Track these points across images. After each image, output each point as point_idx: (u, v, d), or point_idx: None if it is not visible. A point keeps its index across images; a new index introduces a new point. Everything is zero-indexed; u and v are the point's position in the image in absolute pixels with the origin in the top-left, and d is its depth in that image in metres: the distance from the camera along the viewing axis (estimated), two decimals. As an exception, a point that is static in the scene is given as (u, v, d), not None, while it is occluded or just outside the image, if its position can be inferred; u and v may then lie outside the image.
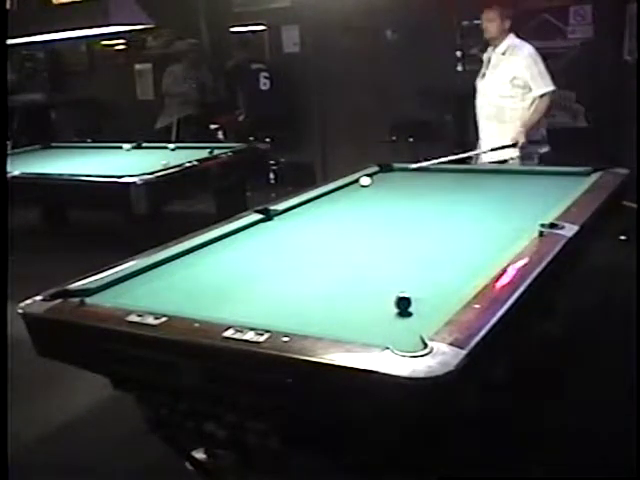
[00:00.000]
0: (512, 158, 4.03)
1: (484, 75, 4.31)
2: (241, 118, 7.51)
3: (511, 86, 4.17)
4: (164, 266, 2.41)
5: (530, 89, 4.12)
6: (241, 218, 2.91)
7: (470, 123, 4.82)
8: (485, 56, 4.36)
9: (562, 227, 2.40)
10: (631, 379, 2.86)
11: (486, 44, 4.33)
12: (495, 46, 4.24)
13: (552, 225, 2.41)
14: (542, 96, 4.11)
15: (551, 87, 4.11)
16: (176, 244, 2.57)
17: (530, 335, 2.55)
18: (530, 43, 4.29)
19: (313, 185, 3.74)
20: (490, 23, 4.14)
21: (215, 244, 2.64)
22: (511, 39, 4.21)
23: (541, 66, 4.14)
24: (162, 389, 1.96)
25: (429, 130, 6.48)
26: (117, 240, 3.96)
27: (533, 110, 4.14)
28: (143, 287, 2.23)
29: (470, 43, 6.37)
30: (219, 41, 7.93)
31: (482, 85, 4.34)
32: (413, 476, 1.78)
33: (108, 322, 1.90)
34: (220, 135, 7.36)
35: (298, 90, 7.32)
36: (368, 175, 3.64)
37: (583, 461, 2.51)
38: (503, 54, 4.19)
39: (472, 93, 4.44)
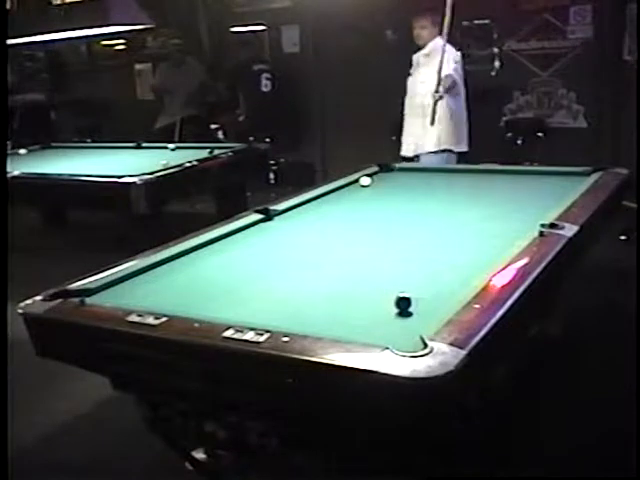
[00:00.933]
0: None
1: (410, 75, 4.60)
2: (241, 118, 7.51)
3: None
4: (164, 266, 2.41)
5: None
6: (241, 218, 2.92)
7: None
8: (414, 57, 4.62)
9: (562, 227, 2.40)
10: (631, 379, 2.86)
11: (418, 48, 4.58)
12: (422, 49, 4.53)
13: (552, 225, 2.41)
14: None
15: (451, 71, 4.41)
16: (176, 244, 2.57)
17: (530, 335, 2.55)
18: (457, 47, 4.63)
19: (313, 185, 3.75)
20: (422, 30, 4.42)
21: (215, 244, 2.64)
22: (434, 42, 4.47)
23: (451, 62, 4.43)
24: (162, 389, 1.96)
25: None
26: (117, 240, 3.96)
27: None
28: (143, 287, 2.23)
29: (470, 43, 6.39)
30: (219, 41, 7.93)
31: (409, 84, 4.64)
32: (413, 476, 1.78)
33: (108, 322, 1.90)
34: (220, 135, 7.36)
35: (298, 90, 7.32)
36: (368, 175, 3.65)
37: (583, 461, 2.51)
38: (427, 55, 4.48)
39: (474, 92, 4.49)
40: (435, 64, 4.38)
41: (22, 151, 5.41)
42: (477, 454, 2.35)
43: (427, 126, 4.47)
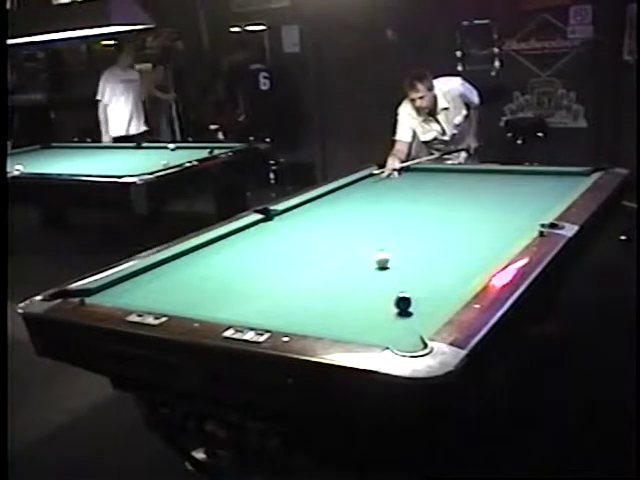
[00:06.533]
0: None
1: (443, 132, 4.24)
2: (241, 118, 7.51)
3: (464, 117, 4.29)
4: (164, 266, 2.41)
5: (468, 104, 4.30)
6: (241, 218, 2.92)
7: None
8: (416, 122, 4.21)
9: (562, 227, 2.40)
10: (631, 379, 2.86)
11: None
12: (432, 111, 4.18)
13: (552, 225, 2.41)
14: (476, 106, 4.35)
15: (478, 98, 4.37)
16: (176, 244, 2.57)
17: (530, 335, 2.55)
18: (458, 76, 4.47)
19: (313, 185, 3.75)
20: (423, 100, 4.04)
21: (215, 244, 2.64)
22: (438, 94, 4.13)
23: (467, 84, 4.33)
24: (162, 389, 1.96)
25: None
26: (117, 240, 3.96)
27: (476, 120, 4.37)
28: (143, 287, 2.23)
29: (470, 43, 6.39)
30: (219, 41, 7.93)
31: (444, 137, 4.29)
32: (413, 475, 1.78)
33: (108, 322, 1.90)
34: (220, 135, 7.36)
35: (298, 90, 7.32)
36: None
37: (583, 461, 2.51)
38: (446, 108, 4.18)
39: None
40: (456, 101, 4.19)
41: (18, 167, 5.11)
42: (477, 454, 2.35)
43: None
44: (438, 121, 4.21)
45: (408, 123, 4.23)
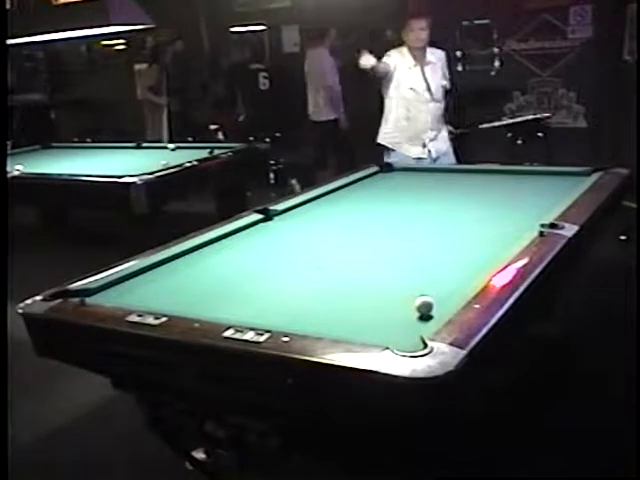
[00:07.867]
0: None
1: (428, 88, 4.28)
2: (241, 118, 7.51)
3: (443, 88, 4.35)
4: (164, 266, 2.41)
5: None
6: (241, 218, 2.92)
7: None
8: (404, 66, 4.30)
9: (562, 227, 2.40)
10: (631, 379, 2.86)
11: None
12: (419, 53, 4.28)
13: (552, 225, 2.41)
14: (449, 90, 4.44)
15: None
16: (176, 244, 2.57)
17: (530, 335, 2.55)
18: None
19: (313, 185, 3.75)
20: (422, 32, 4.19)
21: (215, 244, 2.64)
22: (428, 50, 4.30)
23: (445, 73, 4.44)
24: (162, 389, 1.96)
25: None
26: (117, 240, 3.97)
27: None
28: (143, 287, 2.23)
29: (470, 43, 6.40)
30: (219, 41, 7.94)
31: (425, 94, 4.30)
32: (413, 476, 1.78)
33: (108, 322, 1.90)
34: (220, 135, 7.37)
35: (299, 90, 7.31)
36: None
37: (583, 461, 2.51)
38: (433, 63, 4.30)
39: (474, 92, 4.46)
40: (438, 71, 4.29)
41: (18, 167, 5.11)
42: (477, 454, 2.35)
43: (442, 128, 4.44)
44: (424, 73, 4.24)
45: (395, 59, 4.33)
